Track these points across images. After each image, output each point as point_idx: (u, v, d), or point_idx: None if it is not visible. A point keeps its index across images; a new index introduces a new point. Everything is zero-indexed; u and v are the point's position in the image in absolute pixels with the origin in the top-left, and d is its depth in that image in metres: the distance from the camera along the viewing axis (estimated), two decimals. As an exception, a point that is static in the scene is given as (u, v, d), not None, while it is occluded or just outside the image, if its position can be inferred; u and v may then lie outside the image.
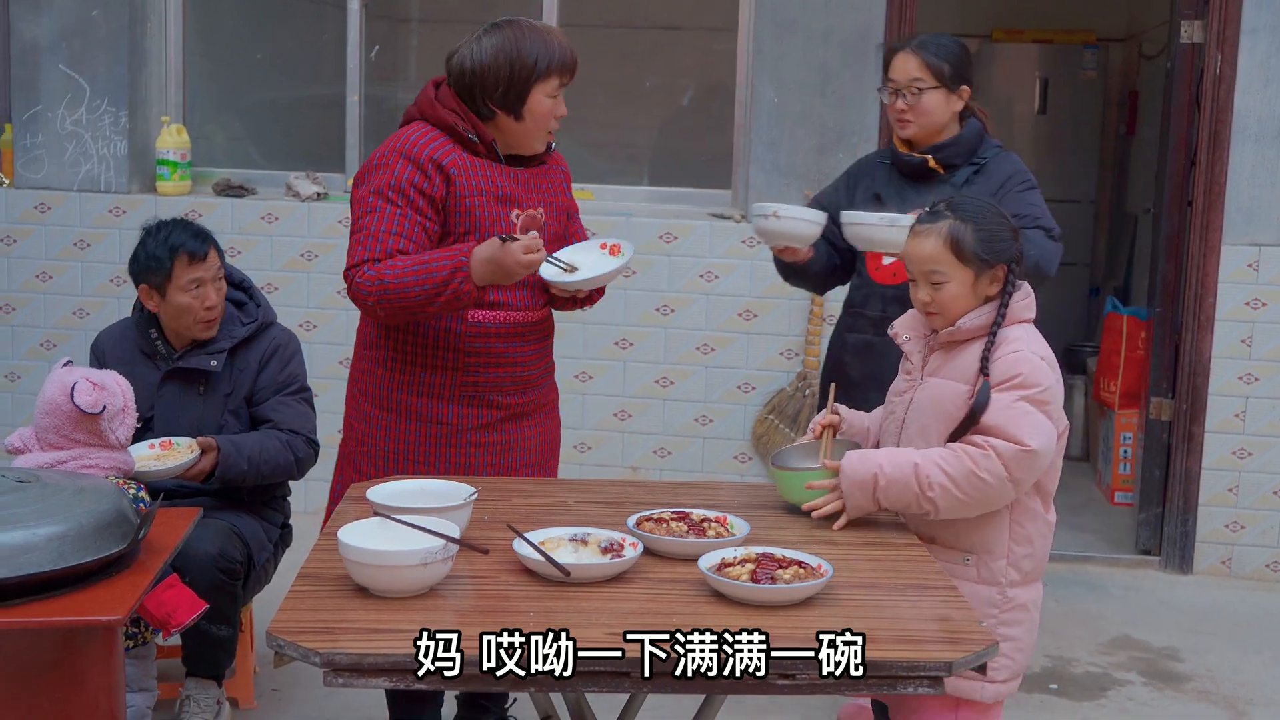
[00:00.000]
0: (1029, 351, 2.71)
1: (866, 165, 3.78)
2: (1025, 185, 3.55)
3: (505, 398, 3.21)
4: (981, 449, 2.63)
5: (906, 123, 3.57)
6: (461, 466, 3.19)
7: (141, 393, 3.50)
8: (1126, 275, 7.93)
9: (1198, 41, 5.25)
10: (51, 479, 2.67)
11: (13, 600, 2.35)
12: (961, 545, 2.76)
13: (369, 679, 2.06)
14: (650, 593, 2.34)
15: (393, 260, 3.03)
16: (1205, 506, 5.33)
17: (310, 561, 2.44)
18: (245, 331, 3.74)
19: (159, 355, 3.73)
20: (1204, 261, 5.25)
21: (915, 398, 2.83)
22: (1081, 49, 8.39)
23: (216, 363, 3.68)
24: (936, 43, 3.56)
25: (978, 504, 2.67)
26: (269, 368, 3.75)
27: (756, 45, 5.46)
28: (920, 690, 2.11)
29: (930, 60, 3.53)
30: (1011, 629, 2.77)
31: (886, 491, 2.67)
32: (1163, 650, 4.59)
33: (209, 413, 3.67)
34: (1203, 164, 5.23)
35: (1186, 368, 5.31)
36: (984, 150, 3.60)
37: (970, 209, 2.76)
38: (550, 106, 3.16)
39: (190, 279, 3.62)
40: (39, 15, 5.63)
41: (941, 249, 2.73)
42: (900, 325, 2.92)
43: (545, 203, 3.26)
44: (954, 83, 3.55)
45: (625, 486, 2.96)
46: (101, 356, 3.75)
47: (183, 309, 3.64)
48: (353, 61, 5.76)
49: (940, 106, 3.55)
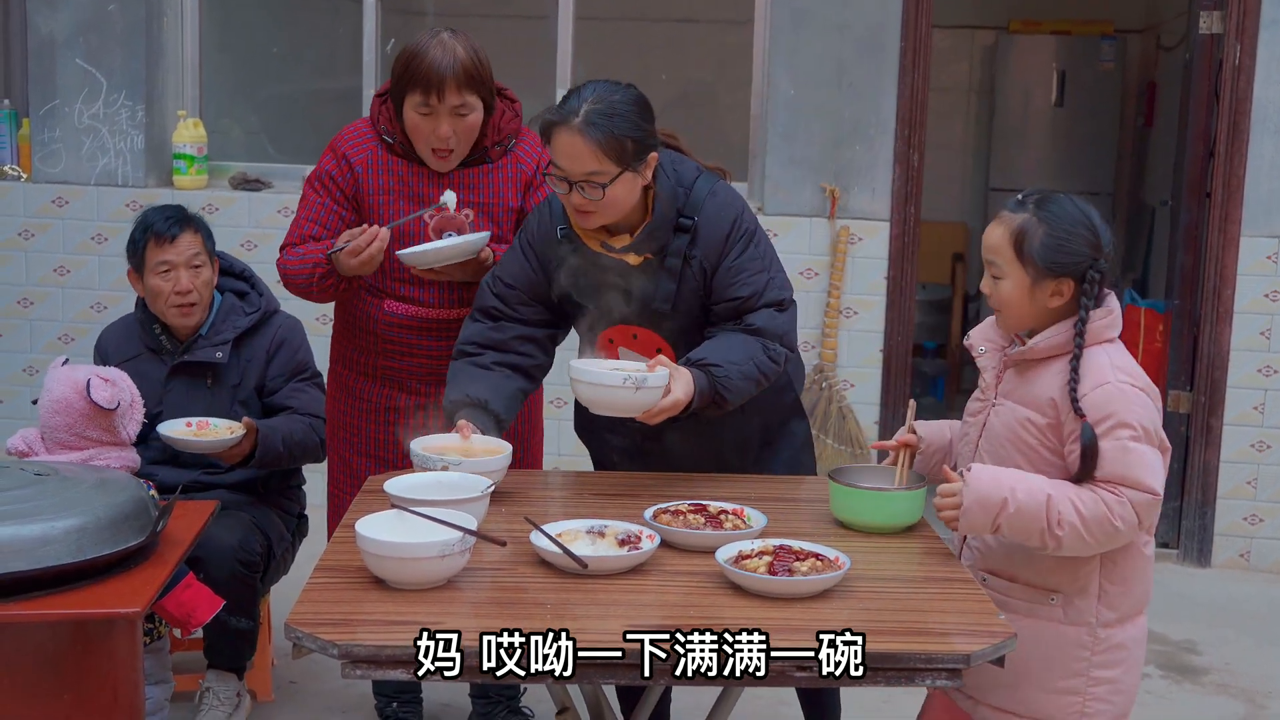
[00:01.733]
0: (1115, 383, 2.45)
1: (546, 242, 2.98)
2: (742, 244, 2.89)
3: (422, 385, 3.35)
4: (1116, 495, 2.40)
5: (588, 215, 2.82)
6: (385, 440, 3.40)
7: (149, 388, 3.51)
8: (1144, 267, 7.90)
9: (1216, 32, 5.22)
10: (70, 472, 2.68)
11: (32, 593, 2.36)
12: (1047, 584, 2.52)
13: (387, 670, 2.07)
14: (667, 585, 2.34)
15: (304, 246, 3.29)
16: (1224, 499, 5.32)
17: (328, 554, 2.44)
18: (248, 322, 3.72)
19: (163, 350, 3.70)
20: (1223, 253, 5.23)
21: (989, 421, 2.61)
22: (1099, 40, 8.36)
23: (222, 354, 3.66)
24: (607, 112, 2.74)
25: (1101, 548, 2.45)
26: (279, 357, 3.74)
27: (772, 38, 5.44)
28: (939, 683, 2.10)
29: (603, 141, 2.72)
30: (1106, 670, 2.52)
31: (1013, 519, 2.42)
32: (1181, 643, 4.58)
33: (217, 405, 3.65)
34: (1221, 155, 5.20)
35: (1205, 360, 5.29)
36: (688, 206, 2.88)
37: (1053, 209, 2.49)
38: (417, 122, 3.17)
39: (159, 261, 3.60)
40: (56, 10, 5.64)
41: (1005, 241, 2.50)
42: (976, 335, 2.68)
43: (479, 204, 3.27)
44: (639, 159, 2.78)
45: (642, 479, 2.95)
46: (105, 354, 3.75)
47: (154, 292, 3.62)
48: (369, 55, 5.76)
49: (630, 192, 2.79)
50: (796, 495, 2.84)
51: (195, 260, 3.64)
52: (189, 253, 3.62)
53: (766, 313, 2.89)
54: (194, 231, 3.67)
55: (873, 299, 5.41)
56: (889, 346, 5.46)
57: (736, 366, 2.82)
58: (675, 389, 2.73)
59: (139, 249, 3.63)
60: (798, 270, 5.42)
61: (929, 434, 2.76)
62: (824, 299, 5.43)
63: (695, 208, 2.88)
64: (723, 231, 2.87)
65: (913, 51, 5.34)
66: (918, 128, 5.37)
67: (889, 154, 5.39)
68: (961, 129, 8.84)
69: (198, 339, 3.69)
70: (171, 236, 3.60)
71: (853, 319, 5.45)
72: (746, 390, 2.84)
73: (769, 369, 2.88)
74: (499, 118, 3.27)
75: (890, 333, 5.43)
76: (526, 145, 3.33)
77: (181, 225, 3.65)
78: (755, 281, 2.88)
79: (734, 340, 2.86)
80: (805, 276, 5.41)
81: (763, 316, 2.88)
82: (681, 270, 2.88)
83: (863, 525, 2.63)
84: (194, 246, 3.64)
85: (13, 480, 2.56)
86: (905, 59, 5.34)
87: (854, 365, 5.48)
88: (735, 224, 2.88)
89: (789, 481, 2.94)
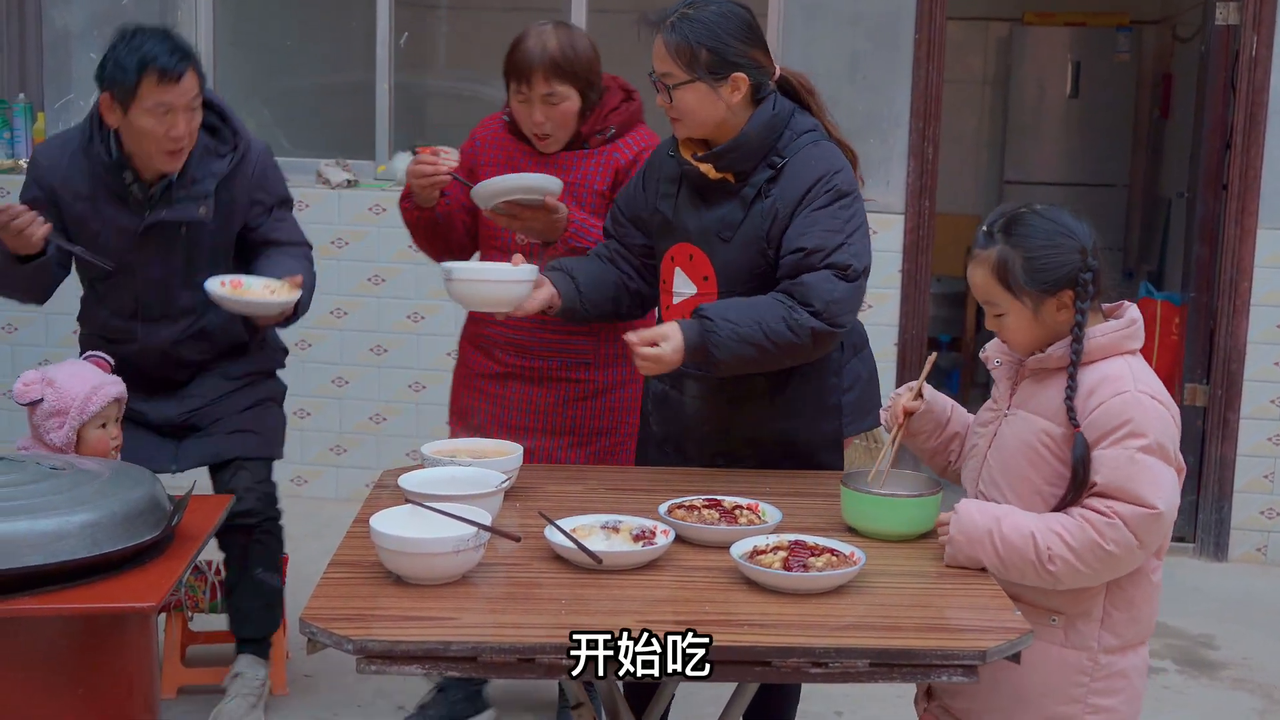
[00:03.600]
0: (1135, 392, 2.35)
1: (659, 159, 3.04)
2: (828, 197, 2.78)
3: (503, 355, 3.45)
4: (1106, 516, 2.29)
5: (675, 122, 2.87)
6: (468, 409, 3.50)
7: (115, 240, 3.29)
8: (1160, 260, 7.87)
9: (1233, 23, 5.20)
10: (85, 466, 2.68)
11: (47, 587, 2.36)
12: (1050, 605, 2.41)
13: (401, 665, 2.06)
14: (682, 580, 2.33)
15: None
16: (1240, 493, 5.30)
17: (342, 549, 2.44)
18: (225, 166, 3.40)
19: (133, 199, 3.34)
20: (1239, 246, 5.20)
21: (1000, 432, 2.50)
22: (1115, 31, 8.32)
23: (205, 209, 3.35)
24: (693, 18, 2.75)
25: (1105, 574, 2.35)
26: (259, 195, 3.48)
27: (786, 30, 5.43)
28: (954, 679, 2.09)
29: (677, 45, 2.75)
30: (1105, 699, 2.42)
31: (1002, 555, 2.35)
32: (1198, 638, 4.56)
33: (196, 257, 3.39)
34: (1238, 147, 5.18)
35: (1221, 353, 5.27)
36: (784, 145, 2.83)
37: (1023, 229, 2.39)
38: (516, 107, 3.36)
39: (157, 102, 3.20)
40: (70, 3, 5.65)
41: (990, 280, 2.41)
42: (992, 348, 2.57)
43: (569, 183, 3.32)
44: (716, 73, 2.77)
45: (659, 474, 2.95)
46: (42, 176, 3.36)
47: (144, 133, 3.24)
48: (382, 49, 5.76)
49: (703, 104, 2.79)
50: (813, 491, 2.83)
51: (194, 102, 3.26)
52: (190, 95, 3.23)
53: (825, 273, 2.74)
54: (194, 70, 3.26)
55: (887, 292, 5.40)
56: (903, 340, 5.45)
57: (733, 326, 2.71)
58: (664, 346, 2.72)
59: (131, 82, 3.19)
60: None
61: (932, 399, 2.67)
62: (838, 292, 5.41)
63: (791, 150, 2.82)
64: (809, 180, 2.78)
65: (927, 44, 5.32)
66: (932, 120, 5.35)
67: (903, 147, 5.37)
68: (976, 121, 8.81)
69: (169, 187, 3.34)
70: (177, 76, 3.19)
71: (867, 312, 5.40)
72: (743, 353, 2.72)
73: (782, 337, 2.72)
74: (605, 108, 3.37)
75: (905, 326, 5.42)
76: (632, 136, 3.40)
77: (185, 61, 3.22)
78: (826, 239, 2.75)
79: (753, 301, 2.77)
80: (819, 269, 5.39)
81: (819, 276, 2.73)
82: (753, 203, 2.82)
83: (875, 533, 2.54)
84: (194, 87, 3.25)
85: (28, 474, 2.56)
86: (919, 51, 5.33)
87: (868, 358, 5.45)
88: (824, 179, 2.78)
89: (805, 477, 2.92)
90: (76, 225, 3.41)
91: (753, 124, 2.80)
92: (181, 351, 3.55)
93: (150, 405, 3.53)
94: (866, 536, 2.55)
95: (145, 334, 3.51)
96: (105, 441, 3.09)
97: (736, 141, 2.81)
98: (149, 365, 3.52)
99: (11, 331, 5.78)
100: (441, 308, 5.45)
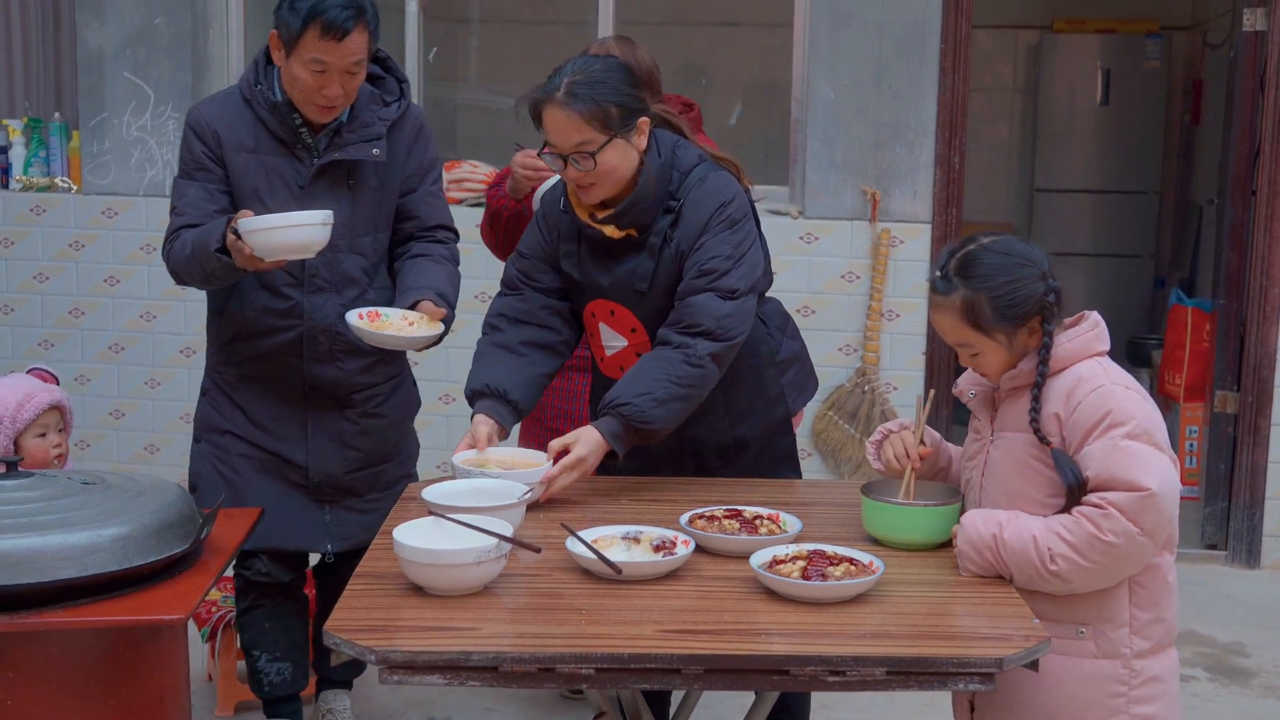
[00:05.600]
0: (1110, 384, 2.37)
1: (552, 215, 3.03)
2: (720, 227, 2.86)
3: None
4: (1100, 508, 2.29)
5: (588, 189, 2.83)
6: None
7: (281, 190, 3.19)
8: (1192, 267, 7.83)
9: (1261, 29, 5.18)
10: (115, 480, 2.72)
11: (79, 600, 2.40)
12: (1074, 617, 2.39)
13: (423, 676, 2.09)
14: (702, 590, 2.35)
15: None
16: (1272, 500, 5.27)
17: (366, 561, 2.47)
18: (393, 113, 3.27)
19: (300, 145, 3.22)
20: (1269, 252, 5.18)
21: (990, 458, 2.52)
22: (1144, 38, 8.29)
23: (379, 150, 3.20)
24: (588, 81, 2.75)
25: (1114, 569, 2.34)
26: (416, 150, 3.35)
27: (812, 40, 5.45)
28: (972, 686, 2.10)
29: (588, 111, 2.74)
30: (1146, 706, 2.40)
31: (1008, 561, 2.36)
32: (1229, 646, 4.54)
33: (360, 212, 3.26)
34: (1267, 153, 5.16)
35: (1252, 360, 5.24)
36: (677, 187, 2.88)
37: (981, 270, 2.42)
38: None
39: (314, 58, 3.05)
40: (104, 24, 5.73)
41: (960, 324, 2.43)
42: (964, 381, 2.60)
43: None
44: (627, 124, 2.78)
45: (679, 484, 2.97)
46: (207, 132, 3.22)
47: (295, 81, 3.11)
48: (411, 63, 5.81)
49: (624, 159, 2.80)
50: (832, 500, 2.85)
51: (355, 66, 3.11)
52: (352, 58, 3.08)
53: (708, 296, 2.82)
54: (364, 27, 3.08)
55: (915, 301, 5.40)
56: (931, 349, 5.45)
57: (648, 396, 2.78)
58: (578, 448, 2.77)
59: (296, 29, 3.05)
60: (839, 274, 5.42)
61: (934, 444, 2.70)
62: (865, 302, 5.42)
63: (684, 191, 2.87)
64: (704, 216, 2.85)
65: (953, 52, 5.33)
66: (959, 129, 5.36)
67: (930, 156, 5.38)
68: (1007, 129, 8.79)
69: (339, 130, 3.22)
70: (342, 33, 3.03)
71: (895, 321, 5.45)
72: (675, 410, 2.81)
73: (692, 376, 2.80)
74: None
75: (933, 335, 5.42)
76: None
77: (356, 19, 3.05)
78: (717, 264, 2.83)
79: (647, 365, 2.83)
80: (846, 280, 5.41)
81: (706, 298, 2.82)
82: (660, 251, 2.87)
83: (895, 542, 2.56)
84: (360, 50, 3.09)
85: (60, 489, 2.60)
86: (945, 60, 5.33)
87: (896, 368, 5.47)
88: (719, 210, 2.85)
89: (824, 486, 2.95)
90: (239, 177, 3.24)
91: (647, 176, 2.84)
92: (343, 344, 3.28)
93: (312, 452, 3.35)
94: (887, 546, 2.56)
95: (311, 308, 3.26)
96: (45, 450, 3.11)
97: (634, 199, 2.84)
98: (312, 358, 3.30)
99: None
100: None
